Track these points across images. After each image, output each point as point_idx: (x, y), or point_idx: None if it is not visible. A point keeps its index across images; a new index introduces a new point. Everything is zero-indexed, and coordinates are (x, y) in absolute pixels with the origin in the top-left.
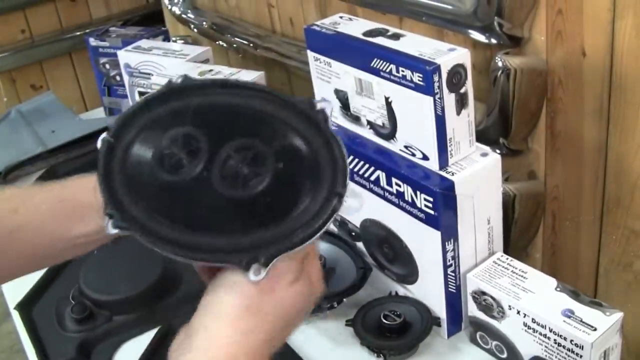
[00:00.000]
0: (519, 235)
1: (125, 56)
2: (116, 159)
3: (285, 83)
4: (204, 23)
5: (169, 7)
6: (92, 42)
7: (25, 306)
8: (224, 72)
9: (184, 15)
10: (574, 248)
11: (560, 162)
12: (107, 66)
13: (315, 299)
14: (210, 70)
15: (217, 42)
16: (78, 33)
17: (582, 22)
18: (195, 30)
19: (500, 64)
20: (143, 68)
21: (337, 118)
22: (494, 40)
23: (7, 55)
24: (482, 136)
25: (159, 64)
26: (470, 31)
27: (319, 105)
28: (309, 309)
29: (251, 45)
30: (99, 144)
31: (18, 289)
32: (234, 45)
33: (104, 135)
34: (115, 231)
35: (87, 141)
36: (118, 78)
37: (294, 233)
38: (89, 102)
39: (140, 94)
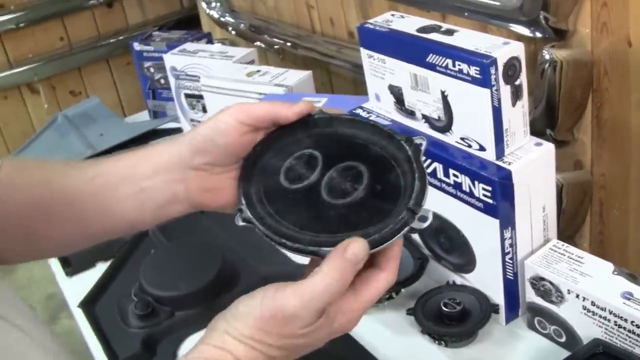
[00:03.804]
0: (567, 224)
1: (171, 59)
2: (257, 169)
3: (325, 83)
4: (242, 25)
5: (207, 10)
6: (137, 46)
7: (88, 304)
8: (271, 72)
9: (222, 19)
10: (622, 235)
11: (607, 151)
12: (152, 70)
13: (334, 336)
14: (258, 71)
15: (254, 44)
16: (114, 40)
17: (628, 13)
18: (233, 32)
19: (547, 56)
20: (190, 70)
21: (390, 113)
22: (539, 34)
23: (47, 63)
24: (529, 128)
25: (205, 65)
26: (515, 25)
27: (415, 141)
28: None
29: (289, 44)
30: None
31: (79, 287)
32: (275, 47)
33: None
34: (242, 223)
35: (135, 144)
36: (162, 81)
37: (373, 236)
38: (127, 107)
39: (187, 96)
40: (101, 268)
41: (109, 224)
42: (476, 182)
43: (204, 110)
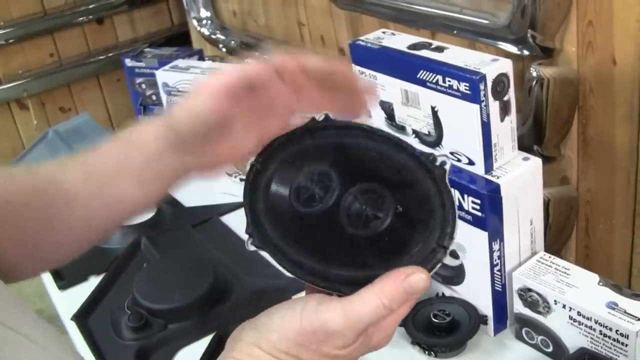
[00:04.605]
0: (553, 239)
1: (163, 76)
2: (261, 185)
3: None
4: (232, 42)
5: (198, 28)
6: (128, 62)
7: (82, 317)
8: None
9: (212, 36)
10: (607, 250)
11: (593, 167)
12: (143, 86)
13: (368, 353)
14: None
15: (245, 61)
16: (104, 56)
17: (612, 32)
18: (223, 49)
19: (534, 74)
20: (182, 87)
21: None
22: (526, 52)
23: (37, 79)
24: (517, 144)
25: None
26: (503, 43)
27: (439, 160)
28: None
29: None
30: (247, 167)
31: (72, 300)
32: None
33: (252, 160)
34: (253, 248)
35: None
36: (154, 97)
37: None
38: (116, 123)
39: None
40: (94, 282)
41: (115, 214)
42: (465, 196)
43: None
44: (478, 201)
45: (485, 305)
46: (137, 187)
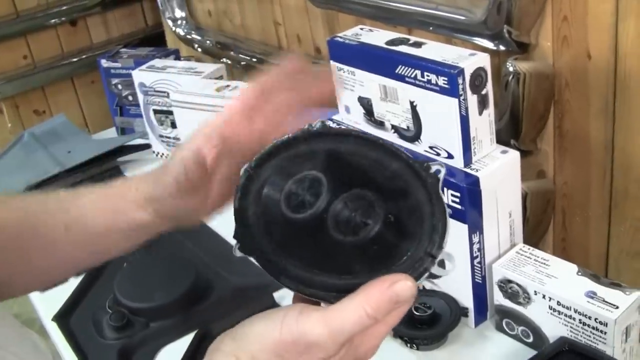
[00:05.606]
0: (531, 232)
1: (139, 76)
2: (252, 190)
3: None
4: (208, 42)
5: (173, 28)
6: (104, 63)
7: (63, 317)
8: (240, 86)
9: (187, 36)
10: (583, 242)
11: (569, 160)
12: (120, 86)
13: None
14: (227, 86)
15: (220, 60)
16: (78, 58)
17: (587, 27)
18: (199, 49)
19: (511, 69)
20: (158, 87)
21: (360, 124)
22: (502, 47)
23: (10, 82)
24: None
25: (174, 81)
26: (479, 39)
27: (433, 168)
28: None
29: (254, 60)
30: (241, 171)
31: (52, 301)
32: (242, 63)
33: (245, 165)
34: (240, 254)
35: (103, 160)
36: (130, 98)
37: None
38: (91, 126)
39: (156, 112)
40: (74, 282)
41: (96, 253)
42: (445, 189)
43: (173, 125)
44: (457, 194)
45: (465, 298)
46: (123, 240)
